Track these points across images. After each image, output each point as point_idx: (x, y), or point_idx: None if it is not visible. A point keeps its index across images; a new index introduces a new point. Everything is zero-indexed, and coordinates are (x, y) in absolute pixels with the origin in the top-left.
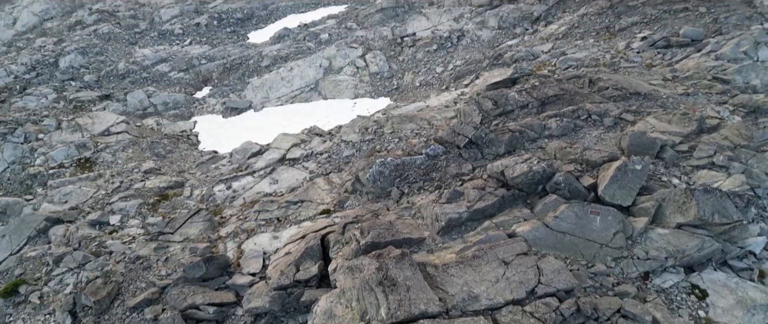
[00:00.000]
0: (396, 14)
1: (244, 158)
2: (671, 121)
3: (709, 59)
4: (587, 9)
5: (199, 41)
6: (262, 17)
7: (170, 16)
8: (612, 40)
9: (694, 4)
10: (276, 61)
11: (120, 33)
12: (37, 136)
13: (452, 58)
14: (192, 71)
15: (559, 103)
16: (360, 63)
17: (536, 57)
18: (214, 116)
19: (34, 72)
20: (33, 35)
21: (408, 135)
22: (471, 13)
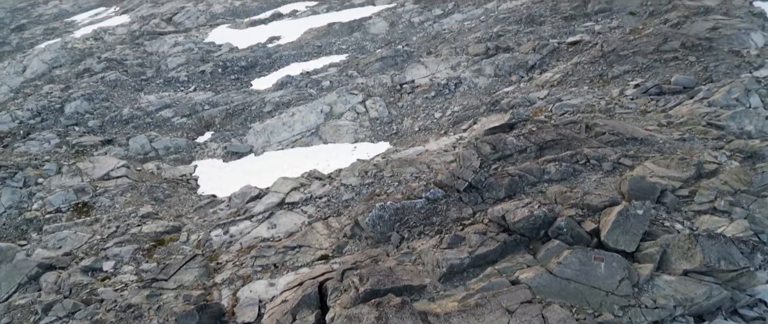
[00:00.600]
0: (395, 62)
1: (243, 202)
2: (669, 166)
3: (702, 106)
4: (580, 58)
5: (203, 88)
6: (265, 65)
7: (176, 64)
8: (606, 87)
9: (683, 54)
10: (278, 106)
11: (126, 80)
12: (37, 181)
13: (450, 104)
14: (195, 117)
15: (557, 147)
16: (360, 108)
17: (532, 103)
18: (215, 160)
19: (40, 117)
20: (41, 82)
21: (408, 179)
22: (468, 61)
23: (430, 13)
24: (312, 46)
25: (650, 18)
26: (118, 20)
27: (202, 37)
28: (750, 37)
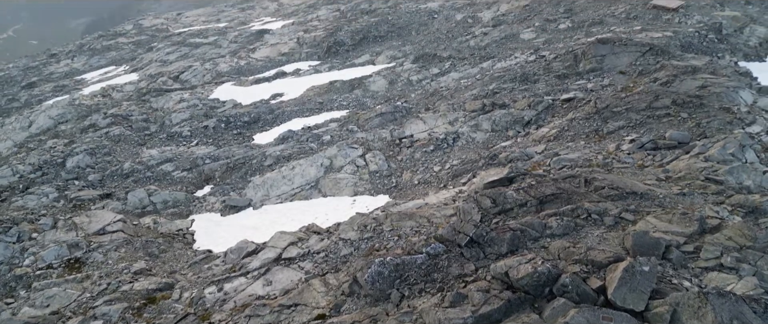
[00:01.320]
0: (394, 118)
1: (239, 258)
2: (672, 221)
3: (699, 161)
4: (575, 114)
5: (205, 142)
6: (268, 120)
7: (180, 119)
8: (602, 142)
9: (675, 111)
10: (279, 160)
11: (130, 135)
12: (31, 236)
13: (449, 157)
14: (195, 170)
15: (557, 201)
16: (360, 162)
17: (530, 157)
18: (213, 214)
19: (40, 171)
20: (46, 137)
21: (407, 233)
22: (465, 117)
23: (427, 72)
24: (314, 102)
25: (640, 77)
26: (127, 78)
27: (207, 94)
28: (739, 95)
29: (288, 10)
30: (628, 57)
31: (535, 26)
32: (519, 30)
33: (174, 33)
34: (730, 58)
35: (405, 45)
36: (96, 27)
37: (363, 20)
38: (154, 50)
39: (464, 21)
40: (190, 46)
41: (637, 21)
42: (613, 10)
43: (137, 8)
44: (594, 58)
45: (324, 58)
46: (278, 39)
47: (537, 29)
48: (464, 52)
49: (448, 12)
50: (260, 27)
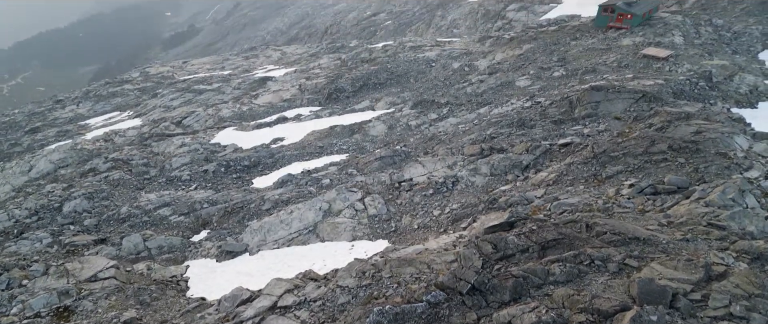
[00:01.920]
0: (393, 161)
1: (233, 306)
2: (677, 268)
3: (700, 206)
4: (572, 159)
5: (204, 186)
6: (268, 164)
7: (181, 163)
8: (601, 186)
9: (672, 155)
10: (277, 204)
11: (129, 179)
12: (21, 283)
13: (448, 201)
14: (193, 215)
15: (559, 247)
16: (359, 206)
17: (530, 202)
18: (208, 260)
19: (36, 216)
20: (45, 181)
21: (407, 280)
22: (464, 161)
23: (426, 117)
24: (314, 146)
25: (635, 122)
26: (130, 123)
27: (209, 139)
28: (734, 140)
29: (291, 58)
30: (622, 103)
31: (529, 74)
32: (514, 77)
33: (179, 80)
34: (723, 105)
35: (404, 91)
36: (104, 74)
37: (363, 68)
38: (159, 96)
39: (461, 69)
40: (194, 93)
41: (629, 69)
42: (605, 59)
43: (145, 56)
44: (589, 104)
45: (325, 104)
46: (280, 86)
47: (532, 77)
48: (461, 99)
49: (445, 60)
50: (263, 74)
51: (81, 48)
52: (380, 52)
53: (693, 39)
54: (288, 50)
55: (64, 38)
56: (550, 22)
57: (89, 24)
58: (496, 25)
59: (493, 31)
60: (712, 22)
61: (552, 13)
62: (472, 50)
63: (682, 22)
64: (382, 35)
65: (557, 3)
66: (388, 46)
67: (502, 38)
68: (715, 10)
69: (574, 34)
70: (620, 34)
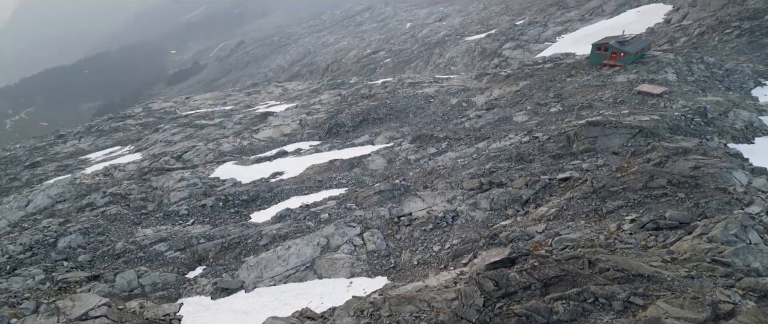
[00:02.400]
0: (393, 196)
1: None
2: (684, 306)
3: (703, 242)
4: (572, 193)
5: (201, 221)
6: (266, 199)
7: (179, 198)
8: (602, 221)
9: (672, 191)
10: (274, 239)
11: (127, 214)
12: (10, 321)
13: (448, 237)
14: (189, 250)
15: (562, 284)
16: (358, 241)
17: (531, 237)
18: (203, 298)
19: (30, 252)
20: (41, 216)
21: (407, 318)
22: (463, 195)
23: (425, 152)
24: (313, 180)
25: (633, 157)
26: (131, 158)
27: (208, 173)
28: (733, 176)
29: (292, 94)
30: (619, 138)
31: (526, 109)
32: (511, 113)
33: (181, 115)
34: (719, 140)
35: (403, 126)
36: (107, 110)
37: (363, 104)
38: (160, 131)
39: (459, 105)
40: (195, 127)
41: (625, 105)
42: (601, 95)
43: (149, 92)
44: (586, 139)
45: (325, 139)
46: (281, 121)
47: (529, 112)
48: (460, 133)
49: (444, 96)
50: (265, 110)
51: (86, 84)
52: (380, 88)
53: (686, 76)
54: (289, 86)
55: (69, 75)
56: (546, 60)
57: (95, 61)
58: (493, 63)
59: (490, 68)
60: (704, 60)
61: (547, 51)
62: (469, 87)
63: (674, 60)
64: (382, 72)
65: (551, 42)
66: (388, 83)
67: (499, 75)
68: (705, 48)
69: (569, 71)
70: (614, 72)
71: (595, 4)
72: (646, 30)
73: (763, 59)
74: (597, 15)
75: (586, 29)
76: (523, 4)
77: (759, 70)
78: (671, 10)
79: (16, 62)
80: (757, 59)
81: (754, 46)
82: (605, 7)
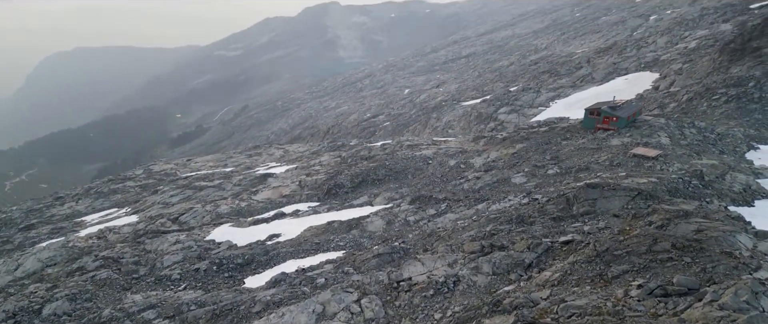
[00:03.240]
0: (392, 259)
1: None
2: None
3: (714, 309)
4: (575, 257)
5: (194, 286)
6: (261, 262)
7: (172, 261)
8: (608, 287)
9: (677, 255)
10: (268, 306)
11: (117, 279)
12: None
13: (450, 303)
14: (178, 318)
15: None
16: (355, 308)
17: (536, 304)
18: None
19: (14, 320)
20: (29, 281)
21: None
22: (464, 259)
23: (424, 213)
24: (310, 243)
25: (634, 220)
26: (127, 220)
27: (204, 236)
28: (737, 239)
29: (293, 156)
30: (618, 201)
31: (524, 171)
32: (510, 175)
33: (181, 177)
34: (719, 203)
35: (402, 187)
36: (108, 171)
37: (362, 165)
38: (159, 193)
39: (457, 166)
40: (194, 189)
41: (621, 168)
42: (597, 158)
43: (151, 154)
44: (586, 201)
45: (324, 200)
46: (281, 182)
47: (527, 174)
48: (459, 195)
49: (442, 158)
50: (265, 171)
51: (90, 147)
52: (379, 150)
53: (679, 140)
54: (290, 148)
55: (74, 138)
56: (540, 124)
57: (102, 124)
58: (489, 126)
59: (487, 131)
60: (695, 125)
61: (541, 115)
62: (467, 149)
63: (666, 124)
64: (381, 135)
65: (545, 107)
66: (387, 145)
67: (496, 138)
68: (695, 113)
69: (564, 135)
70: (608, 135)
71: (585, 71)
72: (636, 96)
73: (752, 124)
74: (587, 82)
75: (578, 95)
76: (516, 72)
77: (750, 134)
78: (658, 77)
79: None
80: (747, 124)
81: (742, 112)
82: (595, 74)
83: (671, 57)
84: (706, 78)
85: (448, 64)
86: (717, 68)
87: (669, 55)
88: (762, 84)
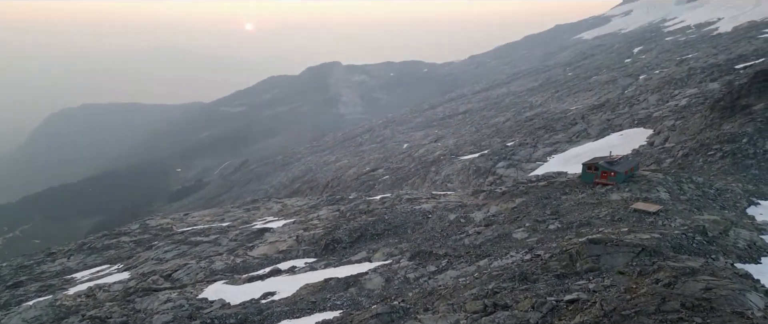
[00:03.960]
0: (391, 320)
1: None
2: None
3: None
4: (582, 317)
5: None
6: (255, 322)
7: (162, 322)
8: None
9: (687, 314)
10: None
11: None
12: None
13: None
14: None
15: None
16: None
17: None
18: None
19: None
20: None
21: None
22: (467, 319)
23: (424, 270)
24: (306, 301)
25: (640, 277)
26: (118, 277)
27: (196, 294)
28: (748, 298)
29: (291, 210)
30: (622, 257)
31: (525, 226)
32: (511, 230)
33: (177, 231)
34: (725, 260)
35: (401, 242)
36: (103, 226)
37: (361, 219)
38: (154, 248)
39: (457, 220)
40: (189, 245)
41: (623, 223)
42: (598, 213)
43: (148, 209)
44: (589, 257)
45: (321, 255)
46: (278, 237)
47: (528, 229)
48: (460, 250)
49: (441, 212)
50: (262, 226)
51: (87, 202)
52: (378, 204)
53: (678, 195)
54: (289, 202)
55: (72, 193)
56: (539, 178)
57: (101, 179)
58: (488, 180)
59: (486, 185)
60: (693, 180)
61: (539, 169)
62: (466, 203)
63: (664, 179)
64: (380, 188)
65: (543, 161)
66: (386, 199)
67: (495, 192)
68: (692, 169)
69: (563, 189)
70: (607, 190)
71: (580, 127)
72: (632, 151)
73: (750, 179)
74: (583, 137)
75: (575, 150)
76: (513, 128)
77: (749, 189)
78: (653, 133)
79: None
80: (745, 179)
81: (739, 167)
82: (590, 130)
83: (663, 114)
84: (700, 134)
85: (446, 119)
86: (709, 125)
87: (661, 112)
88: (755, 140)
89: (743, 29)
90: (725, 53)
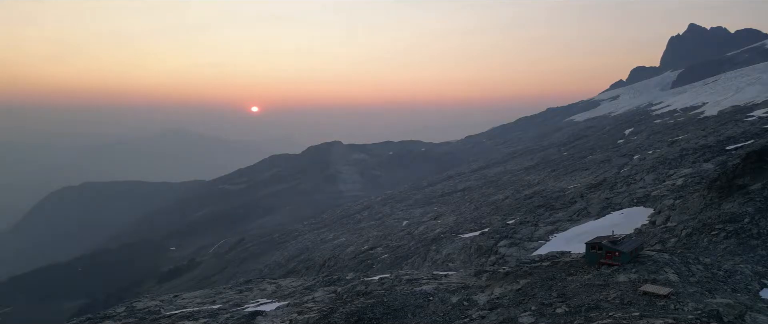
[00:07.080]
0: None
1: None
2: None
3: None
4: None
5: None
6: None
7: None
8: None
9: None
10: None
11: None
12: None
13: None
14: None
15: None
16: None
17: None
18: None
19: None
20: None
21: None
22: None
23: None
24: None
25: None
26: None
27: None
28: None
29: (285, 291)
30: None
31: (532, 310)
32: (517, 313)
33: (164, 315)
34: None
35: None
36: (89, 309)
37: (359, 301)
38: None
39: (460, 303)
40: None
41: (634, 307)
42: (606, 296)
43: (137, 290)
44: None
45: None
46: (270, 321)
47: (534, 313)
48: None
49: (443, 294)
50: (254, 308)
51: (74, 283)
52: (377, 285)
53: (687, 277)
54: (283, 283)
55: (60, 273)
56: (542, 258)
57: (90, 259)
58: (490, 260)
59: (488, 265)
60: (701, 261)
61: (542, 249)
62: (469, 284)
63: (671, 260)
64: (379, 268)
65: (545, 240)
66: (385, 279)
67: (498, 273)
68: (697, 249)
69: (568, 270)
70: (613, 271)
71: (580, 206)
72: (635, 230)
73: (758, 260)
74: (584, 216)
75: (576, 229)
76: (512, 205)
77: (759, 271)
78: (653, 212)
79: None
80: (753, 260)
81: (744, 248)
82: (590, 209)
83: (662, 193)
84: (701, 214)
85: (445, 197)
86: (709, 204)
87: (659, 191)
88: (757, 220)
89: (728, 113)
90: (714, 135)
